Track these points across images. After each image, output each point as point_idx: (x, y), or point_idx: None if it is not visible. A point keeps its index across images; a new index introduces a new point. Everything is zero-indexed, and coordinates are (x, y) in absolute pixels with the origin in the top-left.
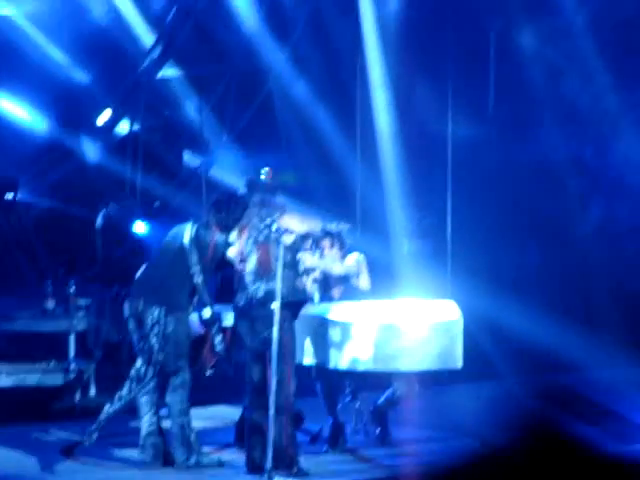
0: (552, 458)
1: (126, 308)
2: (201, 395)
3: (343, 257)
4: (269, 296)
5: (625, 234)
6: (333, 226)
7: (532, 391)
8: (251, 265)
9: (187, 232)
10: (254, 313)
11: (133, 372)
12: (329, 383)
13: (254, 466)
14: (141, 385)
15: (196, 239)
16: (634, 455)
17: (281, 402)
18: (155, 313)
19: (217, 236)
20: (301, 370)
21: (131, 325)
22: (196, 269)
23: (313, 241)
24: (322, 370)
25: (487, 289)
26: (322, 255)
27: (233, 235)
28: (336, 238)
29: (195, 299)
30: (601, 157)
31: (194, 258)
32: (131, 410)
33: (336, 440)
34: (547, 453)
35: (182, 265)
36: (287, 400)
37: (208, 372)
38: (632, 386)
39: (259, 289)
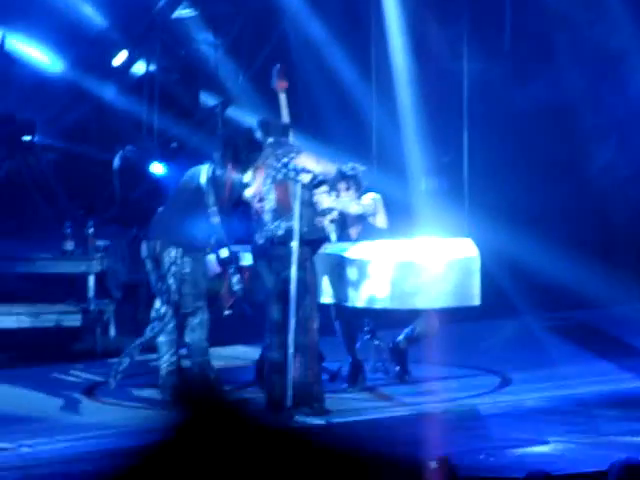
0: None
1: (144, 249)
2: (220, 335)
3: (359, 199)
4: (289, 234)
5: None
6: (349, 168)
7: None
8: (270, 204)
9: (204, 172)
10: (274, 252)
11: (153, 313)
12: (347, 322)
13: (274, 405)
14: (161, 325)
15: (213, 179)
16: None
17: (306, 341)
18: (172, 253)
19: (233, 175)
20: (320, 309)
21: (149, 266)
22: (213, 209)
23: (329, 183)
24: (340, 309)
25: (504, 226)
26: (338, 197)
27: (248, 175)
28: (352, 180)
29: (213, 239)
30: (618, 94)
31: (211, 199)
32: (151, 349)
33: (355, 378)
34: None
35: (199, 205)
36: (312, 339)
37: (226, 312)
38: None
39: (279, 227)
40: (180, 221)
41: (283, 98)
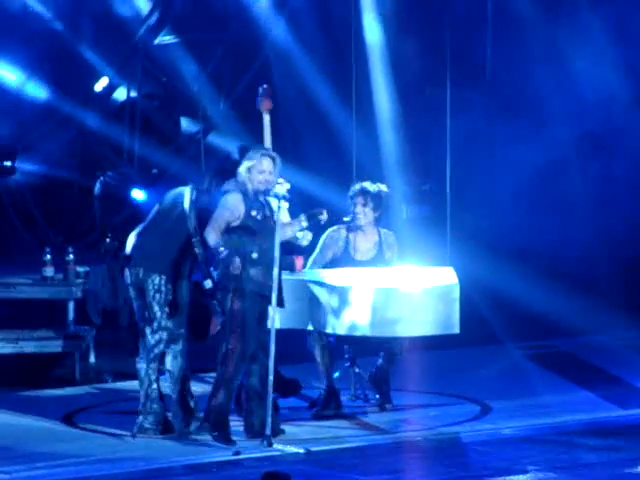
0: None
1: (126, 275)
2: (201, 362)
3: (376, 220)
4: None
5: (623, 197)
6: (372, 186)
7: (531, 355)
8: None
9: (187, 196)
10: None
11: (150, 340)
12: (324, 347)
13: (253, 431)
14: (147, 352)
15: (195, 203)
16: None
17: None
18: (156, 280)
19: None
20: (299, 335)
21: (132, 293)
22: (197, 240)
23: (350, 197)
24: (318, 335)
25: (486, 255)
26: (354, 211)
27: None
28: (370, 197)
29: (194, 266)
30: (604, 123)
31: (193, 223)
32: (132, 376)
33: (328, 404)
34: None
35: (183, 232)
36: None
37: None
38: (631, 350)
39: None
40: (163, 247)
41: (267, 119)
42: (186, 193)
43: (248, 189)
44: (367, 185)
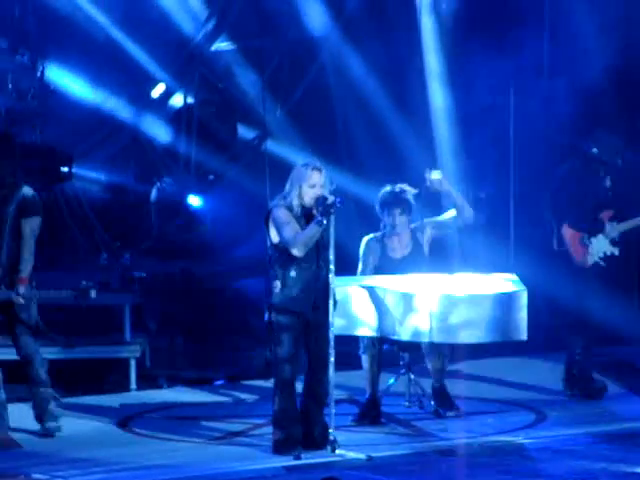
0: None
1: None
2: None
3: (410, 222)
4: None
5: None
6: (400, 191)
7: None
8: None
9: None
10: None
11: None
12: (374, 356)
13: (315, 442)
14: None
15: None
16: None
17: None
18: None
19: None
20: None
21: None
22: None
23: (383, 206)
24: (371, 343)
25: (546, 261)
26: (394, 222)
27: None
28: (406, 205)
29: None
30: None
31: None
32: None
33: (368, 413)
34: None
35: None
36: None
37: None
38: None
39: None
40: None
41: None
42: None
43: (295, 205)
44: (397, 191)
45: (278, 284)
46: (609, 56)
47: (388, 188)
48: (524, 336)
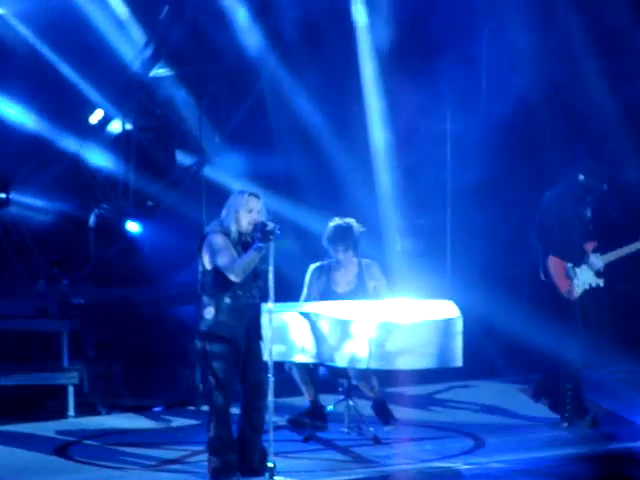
0: None
1: None
2: None
3: (356, 258)
4: None
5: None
6: (345, 225)
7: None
8: None
9: None
10: None
11: None
12: (302, 369)
13: (252, 469)
14: None
15: None
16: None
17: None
18: None
19: None
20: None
21: None
22: None
23: (329, 241)
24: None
25: (482, 287)
26: (338, 258)
27: None
28: (351, 242)
29: None
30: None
31: None
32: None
33: (313, 417)
34: None
35: None
36: None
37: None
38: (628, 385)
39: None
40: None
41: None
42: None
43: (232, 231)
44: (343, 226)
45: (212, 310)
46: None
47: (336, 222)
48: (459, 362)
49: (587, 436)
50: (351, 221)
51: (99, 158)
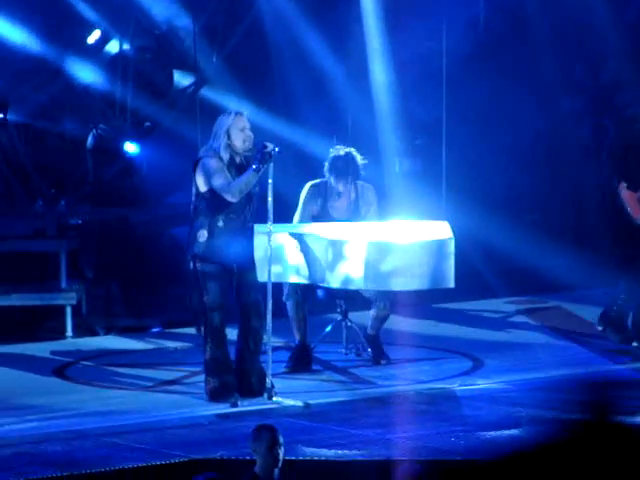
0: None
1: None
2: None
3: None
4: None
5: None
6: (343, 154)
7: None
8: None
9: None
10: None
11: None
12: (298, 302)
13: (252, 391)
14: None
15: None
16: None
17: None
18: None
19: None
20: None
21: None
22: None
23: (331, 170)
24: (294, 288)
25: (479, 209)
26: (339, 188)
27: None
28: (354, 173)
29: None
30: (592, 77)
31: None
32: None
33: (300, 362)
34: None
35: None
36: None
37: None
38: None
39: None
40: None
41: None
42: None
43: (224, 153)
44: (344, 158)
45: (205, 233)
46: None
47: (338, 152)
48: (452, 283)
49: (588, 357)
50: (353, 151)
51: (97, 78)
